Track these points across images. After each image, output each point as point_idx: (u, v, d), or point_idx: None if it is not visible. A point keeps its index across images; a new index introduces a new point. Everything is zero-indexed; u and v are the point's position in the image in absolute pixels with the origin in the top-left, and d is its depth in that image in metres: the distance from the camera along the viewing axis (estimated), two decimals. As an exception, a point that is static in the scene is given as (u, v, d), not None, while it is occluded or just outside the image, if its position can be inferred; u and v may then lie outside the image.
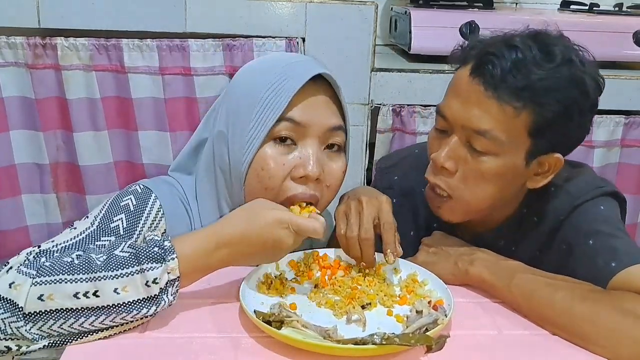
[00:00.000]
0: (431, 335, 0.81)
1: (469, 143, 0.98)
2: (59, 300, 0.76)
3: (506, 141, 0.95)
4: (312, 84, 0.91)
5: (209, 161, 0.98)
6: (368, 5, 1.67)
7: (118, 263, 0.79)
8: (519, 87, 0.93)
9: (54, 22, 1.59)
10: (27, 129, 1.66)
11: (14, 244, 1.71)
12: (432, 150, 1.03)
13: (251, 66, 0.98)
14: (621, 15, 2.07)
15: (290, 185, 0.91)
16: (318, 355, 0.80)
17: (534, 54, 0.93)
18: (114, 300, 0.78)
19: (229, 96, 0.96)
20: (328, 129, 0.93)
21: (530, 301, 0.92)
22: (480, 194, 1.00)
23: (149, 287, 0.79)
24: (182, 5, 1.61)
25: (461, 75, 0.99)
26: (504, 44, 0.95)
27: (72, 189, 1.72)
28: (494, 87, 0.94)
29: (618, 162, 1.81)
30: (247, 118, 0.90)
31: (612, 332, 0.84)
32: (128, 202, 0.95)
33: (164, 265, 0.80)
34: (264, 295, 0.93)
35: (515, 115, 0.94)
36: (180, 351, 0.81)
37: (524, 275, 0.94)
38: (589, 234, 0.99)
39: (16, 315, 0.75)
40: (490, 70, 0.94)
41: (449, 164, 0.99)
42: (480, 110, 0.95)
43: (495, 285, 0.96)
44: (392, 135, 1.77)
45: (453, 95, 1.00)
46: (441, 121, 1.01)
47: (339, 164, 0.95)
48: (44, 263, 0.79)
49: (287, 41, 1.67)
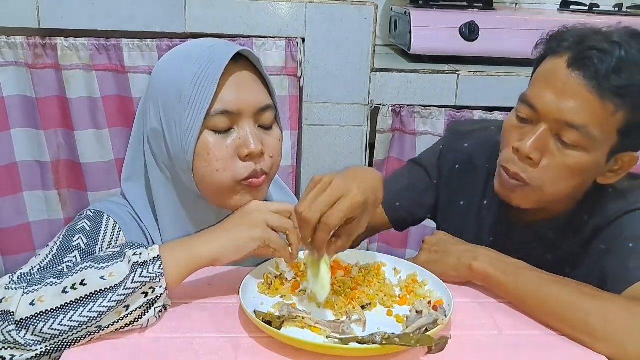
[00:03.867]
0: (431, 335, 0.81)
1: (558, 135, 0.96)
2: (48, 300, 0.78)
3: (598, 138, 0.94)
4: (234, 64, 0.93)
5: (151, 161, 0.99)
6: (368, 5, 1.67)
7: (103, 258, 0.83)
8: (621, 86, 0.91)
9: (54, 22, 1.59)
10: (28, 128, 1.67)
11: (16, 241, 1.73)
12: (511, 138, 1.01)
13: (169, 60, 0.98)
14: (621, 16, 2.07)
15: (239, 164, 0.94)
16: (318, 355, 0.80)
17: (634, 53, 0.93)
18: (101, 285, 0.79)
19: (154, 93, 0.97)
20: (259, 109, 0.95)
21: (537, 295, 0.91)
22: (561, 186, 0.99)
23: (129, 261, 0.82)
24: (182, 5, 1.61)
25: (556, 66, 0.96)
26: (606, 40, 0.93)
27: (74, 186, 1.73)
28: (597, 82, 0.92)
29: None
30: (180, 108, 0.92)
31: (620, 329, 0.83)
32: (83, 224, 0.97)
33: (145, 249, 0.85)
34: (264, 295, 0.93)
35: (613, 114, 0.93)
36: (180, 351, 0.81)
37: (530, 272, 0.94)
38: (631, 237, 0.98)
39: (8, 321, 0.76)
40: (595, 65, 0.92)
41: (534, 154, 0.97)
42: (579, 104, 0.93)
43: (500, 280, 0.95)
44: (392, 136, 1.77)
45: (545, 85, 0.97)
46: (527, 110, 0.99)
47: (275, 136, 0.99)
48: (35, 276, 0.82)
49: (287, 41, 1.67)
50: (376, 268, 1.02)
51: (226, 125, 0.93)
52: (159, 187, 0.99)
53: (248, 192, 0.95)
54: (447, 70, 1.74)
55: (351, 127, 1.76)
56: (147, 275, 0.82)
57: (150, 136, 0.97)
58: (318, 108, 1.73)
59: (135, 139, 1.02)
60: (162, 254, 0.84)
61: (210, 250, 0.88)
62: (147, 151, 0.99)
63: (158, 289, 0.83)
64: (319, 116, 1.74)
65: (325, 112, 1.73)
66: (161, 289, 0.83)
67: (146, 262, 0.82)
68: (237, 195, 0.95)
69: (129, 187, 1.03)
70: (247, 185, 0.94)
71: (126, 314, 0.81)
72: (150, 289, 0.83)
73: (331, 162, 1.77)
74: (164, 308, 0.86)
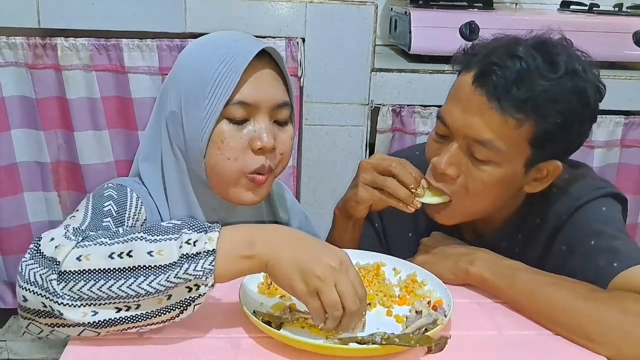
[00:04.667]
0: (431, 335, 0.81)
1: (470, 151, 0.97)
2: (94, 260, 0.76)
3: (507, 151, 0.95)
4: (258, 60, 0.95)
5: (166, 143, 1.01)
6: (368, 5, 1.67)
7: (160, 230, 0.79)
8: (521, 99, 0.92)
9: (54, 22, 1.60)
10: (28, 128, 1.67)
11: (15, 241, 1.73)
12: (431, 153, 1.03)
13: (196, 47, 1.01)
14: (621, 16, 2.07)
15: (250, 156, 0.96)
16: (318, 356, 0.80)
17: (537, 64, 0.93)
18: (146, 261, 0.76)
19: (177, 78, 0.99)
20: (275, 106, 0.97)
21: (532, 300, 0.91)
22: (480, 200, 1.01)
23: (181, 248, 0.76)
24: (182, 5, 1.61)
25: (464, 82, 0.97)
26: (508, 54, 0.94)
27: (73, 187, 1.73)
28: (497, 98, 0.93)
29: (618, 163, 1.81)
30: (201, 95, 0.94)
31: (615, 331, 0.84)
32: (110, 192, 0.97)
33: (203, 234, 0.78)
34: (264, 295, 0.93)
35: (517, 127, 0.94)
36: (180, 351, 0.81)
37: (526, 274, 0.94)
38: (591, 234, 0.99)
39: (52, 269, 0.75)
40: (493, 82, 0.93)
41: (450, 170, 0.99)
42: (482, 120, 0.94)
43: (496, 284, 0.96)
44: (392, 136, 1.77)
45: (454, 101, 0.99)
46: (442, 127, 1.01)
47: (288, 133, 1.01)
48: (90, 233, 0.80)
49: (287, 41, 1.67)
50: (376, 268, 1.02)
51: (243, 116, 0.95)
52: (171, 169, 1.01)
53: (250, 188, 0.98)
54: (447, 70, 1.74)
55: (351, 127, 1.76)
56: (194, 273, 0.76)
57: (169, 119, 0.99)
58: (318, 108, 1.73)
59: (154, 121, 1.04)
60: (219, 247, 0.77)
61: (270, 259, 0.79)
62: (163, 133, 1.01)
63: (202, 288, 0.78)
64: (319, 116, 1.74)
65: (325, 112, 1.73)
66: (206, 288, 0.78)
67: (199, 254, 0.76)
68: (239, 187, 0.97)
69: (145, 168, 1.04)
70: (251, 180, 0.96)
71: (167, 304, 0.78)
72: (195, 286, 0.78)
73: (331, 162, 1.77)
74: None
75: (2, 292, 1.80)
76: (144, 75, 1.64)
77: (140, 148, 1.07)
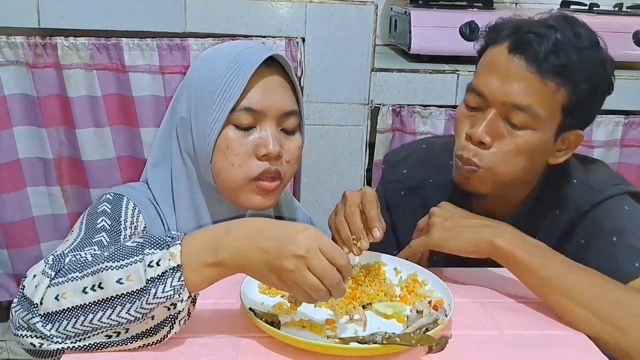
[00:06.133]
0: (432, 335, 0.81)
1: (507, 118, 1.00)
2: (70, 298, 0.76)
3: (544, 116, 0.99)
4: (266, 67, 0.96)
5: (176, 149, 1.02)
6: (368, 5, 1.68)
7: (124, 253, 0.77)
8: (560, 65, 0.97)
9: (54, 22, 1.60)
10: (30, 125, 1.68)
11: (20, 235, 1.74)
12: (463, 126, 1.05)
13: (208, 55, 1.02)
14: (621, 15, 2.07)
15: (255, 163, 0.96)
16: (318, 355, 0.80)
17: (569, 35, 0.98)
18: (118, 290, 0.75)
19: (188, 84, 1.01)
20: (283, 113, 0.98)
21: (564, 282, 0.90)
22: (513, 166, 1.02)
23: (146, 272, 0.75)
24: (182, 5, 1.61)
25: (497, 53, 1.01)
26: (542, 25, 1.00)
27: (76, 182, 1.74)
28: (537, 64, 0.97)
29: (618, 162, 1.81)
30: (209, 101, 0.95)
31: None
32: (103, 207, 0.97)
33: (165, 251, 0.77)
34: (264, 295, 0.93)
35: (555, 92, 0.98)
36: (181, 351, 0.81)
37: (555, 255, 0.94)
38: (613, 231, 1.00)
39: (32, 313, 0.76)
40: (534, 48, 0.97)
41: (486, 138, 1.01)
42: (522, 85, 0.98)
43: (526, 261, 0.93)
44: (392, 135, 1.77)
45: (489, 72, 1.02)
46: (475, 98, 1.03)
47: (296, 142, 1.01)
48: (65, 263, 0.79)
49: (287, 41, 1.67)
50: (377, 268, 1.02)
51: (249, 122, 0.95)
52: (180, 175, 1.01)
53: (259, 194, 0.97)
54: (447, 70, 1.74)
55: (351, 127, 1.76)
56: (165, 295, 0.75)
57: (179, 124, 1.00)
58: (318, 108, 1.73)
59: (166, 126, 1.04)
60: (183, 261, 0.76)
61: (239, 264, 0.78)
62: (173, 139, 1.02)
63: (179, 304, 0.77)
64: (319, 116, 1.74)
65: (325, 112, 1.73)
66: (183, 304, 0.77)
67: (164, 274, 0.75)
68: (248, 193, 0.97)
69: (153, 173, 1.04)
70: (258, 186, 0.96)
71: (153, 324, 0.78)
72: (172, 305, 0.76)
73: (331, 162, 1.77)
74: (188, 315, 0.80)
75: (7, 285, 1.80)
76: (144, 74, 1.64)
77: (150, 153, 1.07)
